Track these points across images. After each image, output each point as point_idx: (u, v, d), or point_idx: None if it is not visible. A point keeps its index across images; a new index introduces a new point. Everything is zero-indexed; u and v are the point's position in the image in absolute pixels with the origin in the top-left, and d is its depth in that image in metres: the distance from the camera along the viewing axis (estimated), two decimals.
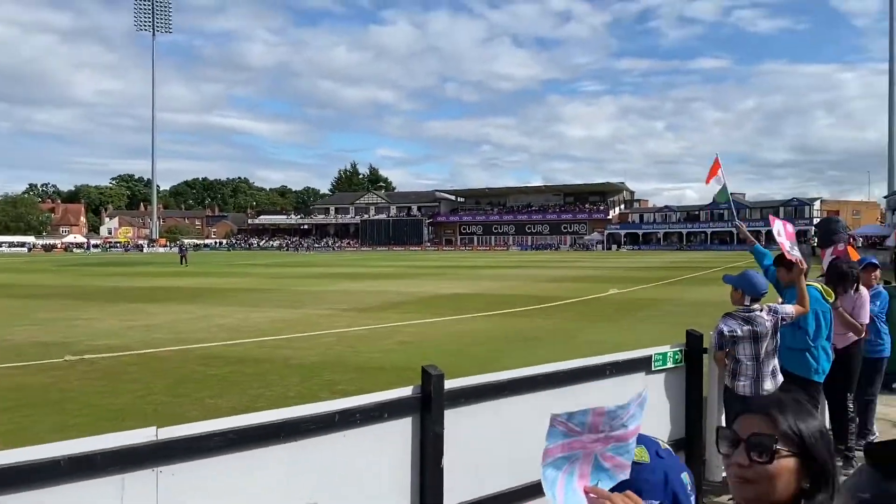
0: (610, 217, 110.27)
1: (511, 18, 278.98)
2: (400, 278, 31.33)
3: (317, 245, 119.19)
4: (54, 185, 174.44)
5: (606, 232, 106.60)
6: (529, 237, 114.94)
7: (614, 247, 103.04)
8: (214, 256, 76.89)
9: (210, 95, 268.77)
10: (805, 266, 4.74)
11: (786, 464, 1.32)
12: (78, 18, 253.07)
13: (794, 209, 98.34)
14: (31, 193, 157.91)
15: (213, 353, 10.55)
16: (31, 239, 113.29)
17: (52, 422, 6.66)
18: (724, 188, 6.30)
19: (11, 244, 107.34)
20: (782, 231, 5.06)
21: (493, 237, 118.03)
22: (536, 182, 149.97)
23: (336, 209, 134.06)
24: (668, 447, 1.68)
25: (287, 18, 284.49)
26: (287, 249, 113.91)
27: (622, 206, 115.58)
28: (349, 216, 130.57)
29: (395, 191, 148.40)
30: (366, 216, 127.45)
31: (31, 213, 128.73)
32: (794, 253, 4.77)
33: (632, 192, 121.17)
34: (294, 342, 11.75)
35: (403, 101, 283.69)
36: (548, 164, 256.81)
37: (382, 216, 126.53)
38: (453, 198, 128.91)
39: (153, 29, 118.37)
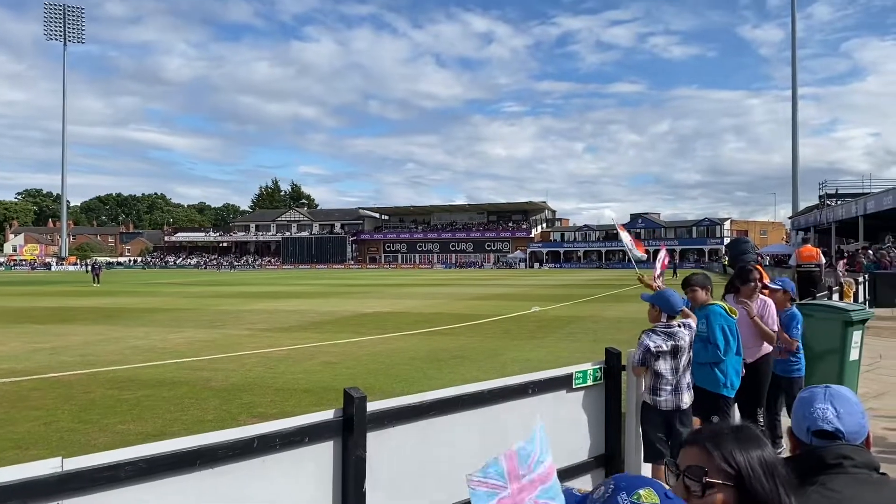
0: (532, 235, 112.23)
1: (434, 39, 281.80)
2: (323, 297, 30.93)
3: (237, 263, 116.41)
4: None
5: (529, 250, 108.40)
6: (454, 255, 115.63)
7: (536, 265, 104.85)
8: (129, 275, 74.04)
9: (125, 109, 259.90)
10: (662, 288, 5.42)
11: (720, 496, 1.31)
12: None
13: (706, 228, 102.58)
14: None
15: (125, 377, 10.10)
16: None
17: None
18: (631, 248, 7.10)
19: None
20: (662, 260, 6.28)
21: (417, 255, 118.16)
22: (460, 200, 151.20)
23: (257, 226, 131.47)
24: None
25: (207, 32, 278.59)
26: (205, 267, 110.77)
27: (544, 225, 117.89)
28: (270, 233, 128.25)
29: (318, 208, 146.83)
30: (287, 233, 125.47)
31: None
32: (657, 282, 5.69)
33: (553, 211, 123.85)
34: (214, 363, 11.39)
35: (326, 117, 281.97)
36: (471, 183, 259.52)
37: (305, 233, 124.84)
38: (377, 215, 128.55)
39: (64, 38, 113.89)
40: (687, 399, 4.70)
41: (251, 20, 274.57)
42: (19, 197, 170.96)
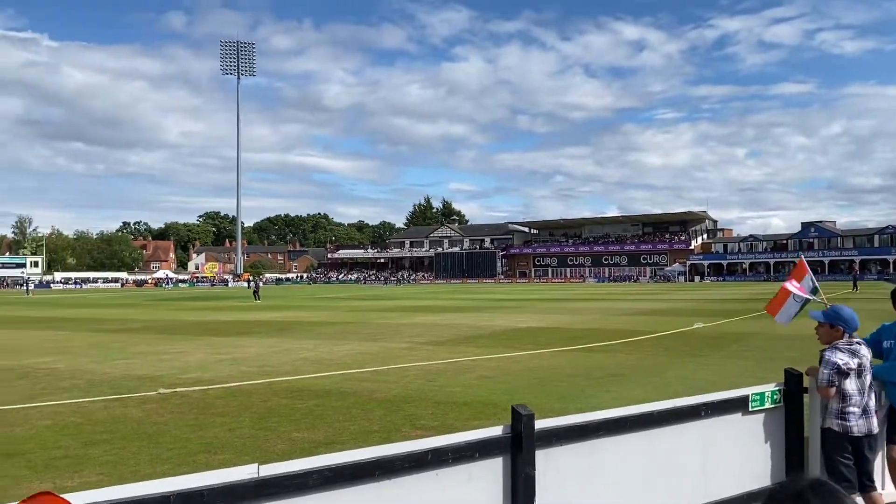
0: (692, 247, 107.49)
1: (583, 50, 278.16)
2: (475, 311, 31.31)
3: (399, 278, 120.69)
4: (146, 223, 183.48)
5: (689, 263, 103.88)
6: (607, 269, 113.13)
7: (697, 278, 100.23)
8: (296, 290, 78.81)
9: (291, 135, 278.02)
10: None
11: None
12: (167, 65, 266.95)
13: (890, 237, 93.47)
14: (125, 231, 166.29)
15: (298, 386, 10.75)
16: (123, 275, 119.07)
17: (147, 454, 6.89)
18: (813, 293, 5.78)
19: (106, 280, 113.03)
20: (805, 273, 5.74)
21: (568, 269, 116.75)
22: (613, 212, 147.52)
23: (411, 242, 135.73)
24: None
25: (364, 59, 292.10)
26: (365, 282, 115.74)
27: (705, 236, 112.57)
28: (424, 249, 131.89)
29: (468, 223, 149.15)
30: (440, 249, 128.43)
31: (124, 250, 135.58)
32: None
33: (714, 221, 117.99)
34: (377, 375, 11.87)
35: (475, 134, 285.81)
36: (624, 194, 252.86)
37: (456, 249, 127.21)
38: (526, 230, 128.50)
39: (238, 72, 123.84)
40: (876, 422, 4.34)
41: (404, 45, 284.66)
42: (200, 219, 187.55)
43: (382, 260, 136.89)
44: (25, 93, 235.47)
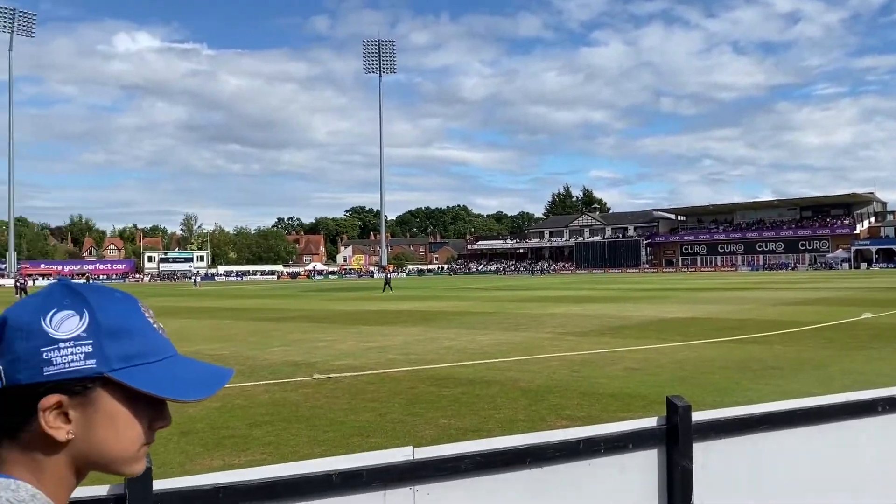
0: (857, 232, 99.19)
1: (731, 26, 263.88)
2: (619, 302, 30.56)
3: (532, 268, 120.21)
4: (298, 219, 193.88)
5: (853, 248, 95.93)
6: (761, 256, 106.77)
7: (864, 265, 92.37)
8: (436, 281, 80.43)
9: (429, 129, 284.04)
10: None
11: None
12: (312, 67, 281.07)
13: None
14: (279, 227, 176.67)
15: (443, 375, 10.97)
16: (279, 267, 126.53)
17: (306, 436, 7.28)
18: None
19: (263, 272, 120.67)
20: None
21: (718, 257, 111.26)
22: (766, 196, 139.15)
23: (550, 232, 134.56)
24: None
25: (500, 49, 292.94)
26: (504, 273, 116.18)
27: (872, 220, 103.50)
28: (563, 239, 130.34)
29: (611, 212, 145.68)
30: (580, 238, 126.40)
31: (279, 245, 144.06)
32: None
33: (883, 204, 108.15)
34: (520, 365, 11.88)
35: (616, 120, 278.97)
36: (779, 176, 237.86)
37: (597, 238, 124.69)
38: (673, 216, 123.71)
39: (379, 71, 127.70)
40: None
41: (540, 33, 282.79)
42: (347, 214, 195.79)
43: (522, 250, 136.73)
44: (189, 100, 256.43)
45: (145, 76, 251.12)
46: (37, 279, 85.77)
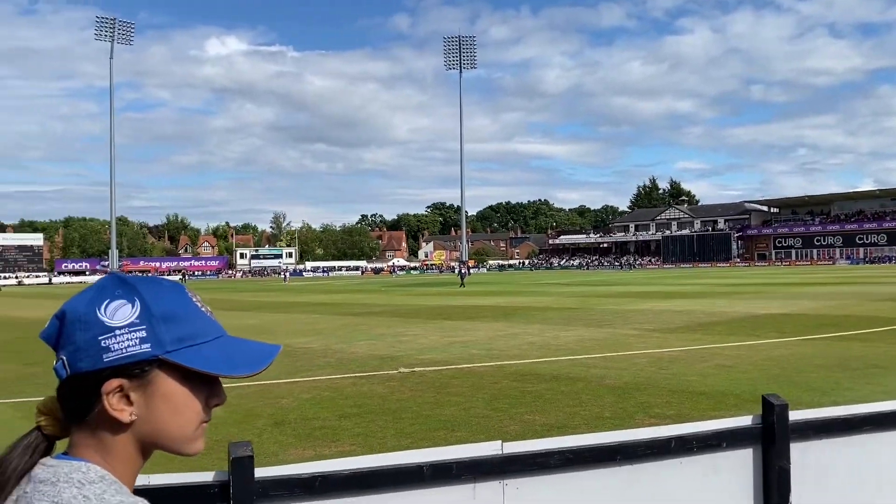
0: None
1: (826, 8, 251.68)
2: (708, 297, 29.64)
3: (616, 263, 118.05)
4: (381, 215, 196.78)
5: None
6: (861, 249, 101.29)
7: None
8: (517, 277, 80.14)
9: (510, 124, 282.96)
10: None
11: None
12: (393, 66, 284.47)
13: None
14: (363, 223, 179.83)
15: (526, 370, 10.95)
16: (363, 263, 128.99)
17: (393, 428, 7.42)
18: None
19: (348, 268, 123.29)
20: None
21: (814, 250, 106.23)
22: (867, 186, 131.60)
23: (636, 226, 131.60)
24: None
25: (582, 41, 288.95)
26: (587, 268, 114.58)
27: None
28: (649, 233, 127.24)
29: (699, 204, 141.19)
30: (667, 232, 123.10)
31: (363, 241, 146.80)
32: None
33: None
34: (605, 361, 11.71)
35: (703, 109, 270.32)
36: (880, 165, 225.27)
37: (685, 231, 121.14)
38: (765, 208, 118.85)
39: (460, 66, 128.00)
40: None
41: (623, 22, 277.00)
42: (428, 210, 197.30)
43: (605, 245, 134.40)
44: (276, 101, 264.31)
45: (234, 79, 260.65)
46: (136, 275, 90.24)
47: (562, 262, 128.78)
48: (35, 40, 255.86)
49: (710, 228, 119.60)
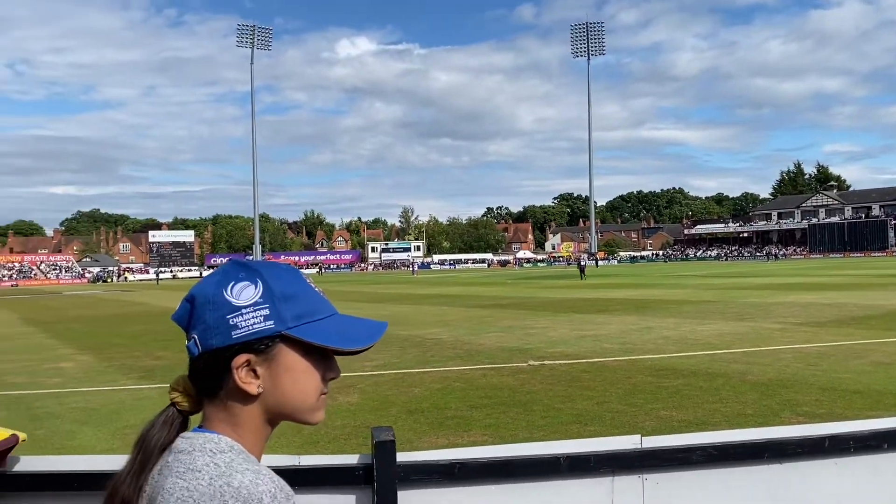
0: None
1: None
2: (861, 289, 27.48)
3: (758, 254, 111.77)
4: (506, 208, 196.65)
5: None
6: None
7: None
8: (650, 268, 77.74)
9: (639, 110, 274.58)
10: None
11: None
12: (518, 57, 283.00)
13: None
14: (489, 216, 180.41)
15: (662, 365, 10.62)
16: (489, 256, 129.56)
17: (523, 420, 7.43)
18: None
19: (474, 261, 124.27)
20: None
21: None
22: None
23: (779, 214, 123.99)
24: None
25: (716, 21, 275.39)
26: (726, 259, 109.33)
27: None
28: (794, 221, 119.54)
29: (850, 189, 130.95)
30: (814, 220, 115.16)
31: (489, 234, 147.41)
32: None
33: None
34: (747, 357, 11.16)
35: (854, 87, 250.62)
36: None
37: (835, 219, 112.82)
38: None
39: (588, 54, 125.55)
40: None
41: None
42: (555, 201, 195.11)
43: (745, 234, 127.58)
44: (403, 98, 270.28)
45: (364, 78, 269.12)
46: None
47: (698, 254, 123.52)
48: (184, 50, 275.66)
49: (864, 215, 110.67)
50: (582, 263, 54.54)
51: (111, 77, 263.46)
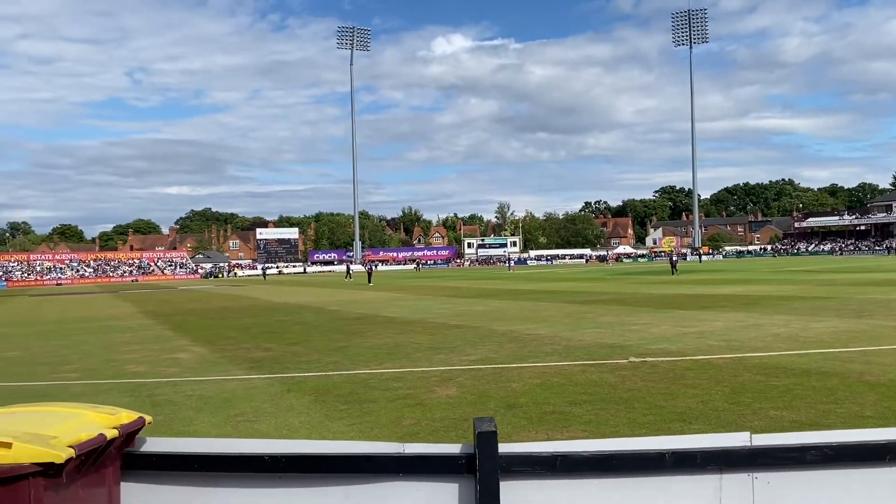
0: None
1: None
2: None
3: (877, 248, 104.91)
4: (605, 202, 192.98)
5: None
6: None
7: None
8: (757, 263, 74.46)
9: (745, 99, 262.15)
10: None
11: None
12: (616, 47, 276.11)
13: None
14: (587, 210, 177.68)
15: (770, 363, 10.17)
16: (587, 251, 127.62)
17: (625, 417, 7.29)
18: None
19: (572, 256, 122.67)
20: None
21: None
22: None
23: None
24: None
25: (828, 3, 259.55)
26: (841, 253, 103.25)
27: None
28: None
29: None
30: None
31: (587, 228, 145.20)
32: None
33: None
34: (865, 356, 10.52)
35: None
36: None
37: None
38: None
39: (690, 42, 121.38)
40: None
41: None
42: (656, 195, 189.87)
43: (863, 227, 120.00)
44: (499, 94, 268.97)
45: (460, 75, 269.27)
46: (378, 265, 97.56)
47: (810, 248, 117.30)
48: (287, 53, 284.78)
49: None
50: (673, 258, 53.23)
51: (219, 81, 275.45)
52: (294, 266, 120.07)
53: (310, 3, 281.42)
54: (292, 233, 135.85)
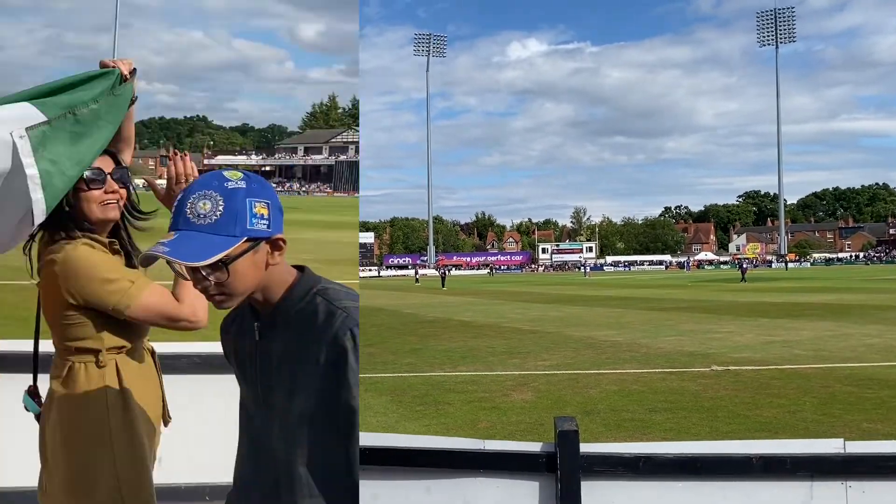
0: None
1: None
2: None
3: None
4: (686, 207, 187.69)
5: None
6: None
7: None
8: (849, 271, 71.15)
9: (834, 100, 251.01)
10: None
11: None
12: (696, 49, 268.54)
13: None
14: (666, 216, 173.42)
15: (863, 374, 9.71)
16: (667, 257, 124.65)
17: (707, 426, 7.11)
18: None
19: (651, 262, 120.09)
20: None
21: None
22: None
23: None
24: None
25: None
26: None
27: None
28: None
29: None
30: None
31: (666, 234, 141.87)
32: None
33: None
34: None
35: None
36: None
37: None
38: None
39: (776, 42, 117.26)
40: None
41: None
42: (739, 200, 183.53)
43: None
44: (574, 98, 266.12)
45: (534, 80, 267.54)
46: (451, 269, 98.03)
47: None
48: (365, 62, 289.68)
49: None
50: (744, 266, 51.87)
51: None
52: (370, 270, 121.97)
53: (386, 13, 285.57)
54: (368, 237, 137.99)
